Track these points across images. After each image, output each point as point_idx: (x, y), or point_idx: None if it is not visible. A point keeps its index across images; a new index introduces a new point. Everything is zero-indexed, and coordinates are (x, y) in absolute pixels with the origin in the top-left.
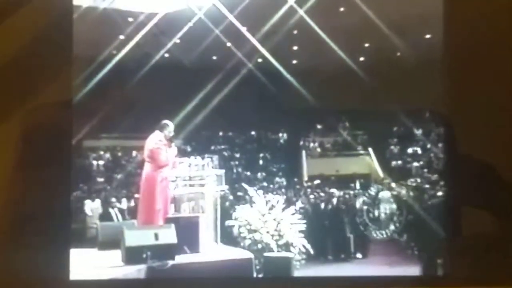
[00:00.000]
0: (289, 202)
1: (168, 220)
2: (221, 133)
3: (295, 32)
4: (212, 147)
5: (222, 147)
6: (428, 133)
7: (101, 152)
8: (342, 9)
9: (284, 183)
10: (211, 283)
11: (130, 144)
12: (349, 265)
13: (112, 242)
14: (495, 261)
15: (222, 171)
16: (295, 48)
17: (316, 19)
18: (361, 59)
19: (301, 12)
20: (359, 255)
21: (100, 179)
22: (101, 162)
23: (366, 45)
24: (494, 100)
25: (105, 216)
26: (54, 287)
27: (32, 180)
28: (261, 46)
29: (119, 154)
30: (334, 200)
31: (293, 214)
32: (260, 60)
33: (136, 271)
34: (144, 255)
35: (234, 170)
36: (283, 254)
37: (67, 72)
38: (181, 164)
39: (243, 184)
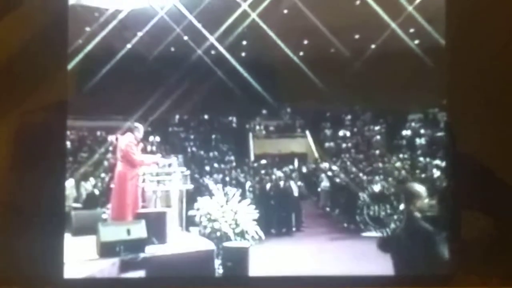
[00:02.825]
0: (243, 195)
1: (138, 215)
2: (177, 117)
3: (245, 29)
4: (170, 129)
5: (179, 129)
6: (356, 117)
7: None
8: (285, 11)
9: (234, 163)
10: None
11: (98, 125)
12: (289, 238)
13: (86, 228)
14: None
15: (188, 172)
16: (244, 43)
17: (264, 19)
18: (301, 53)
19: (253, 15)
20: (299, 229)
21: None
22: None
23: (305, 42)
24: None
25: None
26: (48, 285)
27: (24, 176)
28: (215, 40)
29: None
30: (277, 178)
31: (248, 205)
32: (213, 52)
33: (111, 264)
34: (118, 249)
35: (189, 150)
36: (240, 244)
37: (62, 72)
38: (154, 163)
39: (205, 179)
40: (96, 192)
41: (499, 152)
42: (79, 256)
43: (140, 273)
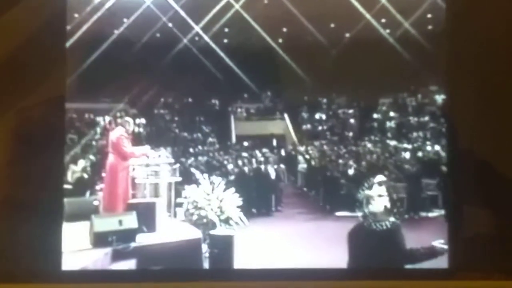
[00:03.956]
0: (228, 184)
1: (129, 206)
2: (162, 100)
3: (228, 18)
4: (155, 111)
5: (165, 111)
6: (331, 101)
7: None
8: (266, 1)
9: (217, 145)
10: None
11: (86, 107)
12: (269, 218)
13: (78, 215)
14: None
15: (177, 165)
16: (226, 30)
17: (246, 9)
18: (280, 41)
19: (237, 6)
20: (278, 209)
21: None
22: None
23: (284, 30)
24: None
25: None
26: (45, 278)
27: (20, 169)
28: (200, 29)
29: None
30: (258, 161)
31: (233, 193)
32: (197, 38)
33: (104, 254)
34: (110, 239)
35: (174, 131)
36: (226, 232)
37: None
38: (144, 155)
39: (192, 169)
40: (85, 176)
41: (501, 146)
42: (73, 245)
43: (131, 262)
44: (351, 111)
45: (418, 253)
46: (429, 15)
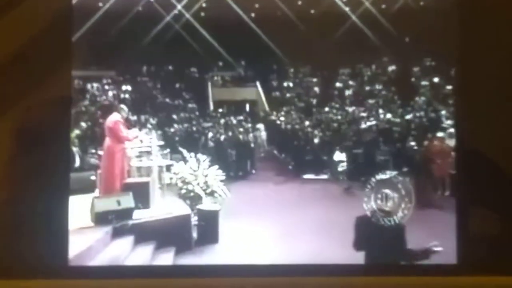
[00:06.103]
0: (213, 161)
1: (125, 186)
2: (145, 68)
3: None
4: (139, 79)
5: (147, 79)
6: (297, 71)
7: None
8: None
9: (197, 112)
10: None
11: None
12: (246, 181)
13: (81, 188)
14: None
15: (167, 150)
16: (204, 5)
17: None
18: (252, 15)
19: None
20: (252, 172)
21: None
22: None
23: (256, 5)
24: None
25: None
26: (52, 273)
27: (27, 164)
28: (182, 8)
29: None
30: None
31: (217, 169)
32: (176, 12)
33: (104, 233)
34: (110, 218)
35: (158, 98)
36: (212, 207)
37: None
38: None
39: (180, 148)
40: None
41: (507, 145)
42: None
43: (129, 238)
44: (315, 79)
45: (413, 253)
46: None
